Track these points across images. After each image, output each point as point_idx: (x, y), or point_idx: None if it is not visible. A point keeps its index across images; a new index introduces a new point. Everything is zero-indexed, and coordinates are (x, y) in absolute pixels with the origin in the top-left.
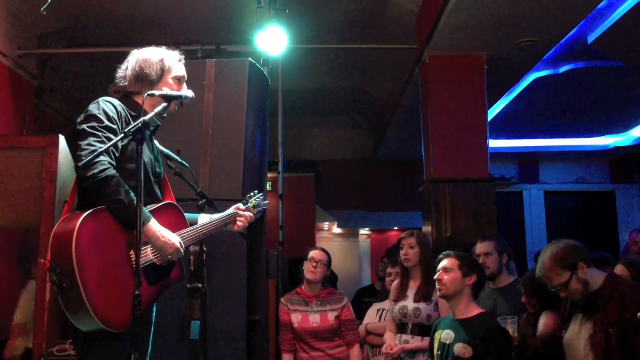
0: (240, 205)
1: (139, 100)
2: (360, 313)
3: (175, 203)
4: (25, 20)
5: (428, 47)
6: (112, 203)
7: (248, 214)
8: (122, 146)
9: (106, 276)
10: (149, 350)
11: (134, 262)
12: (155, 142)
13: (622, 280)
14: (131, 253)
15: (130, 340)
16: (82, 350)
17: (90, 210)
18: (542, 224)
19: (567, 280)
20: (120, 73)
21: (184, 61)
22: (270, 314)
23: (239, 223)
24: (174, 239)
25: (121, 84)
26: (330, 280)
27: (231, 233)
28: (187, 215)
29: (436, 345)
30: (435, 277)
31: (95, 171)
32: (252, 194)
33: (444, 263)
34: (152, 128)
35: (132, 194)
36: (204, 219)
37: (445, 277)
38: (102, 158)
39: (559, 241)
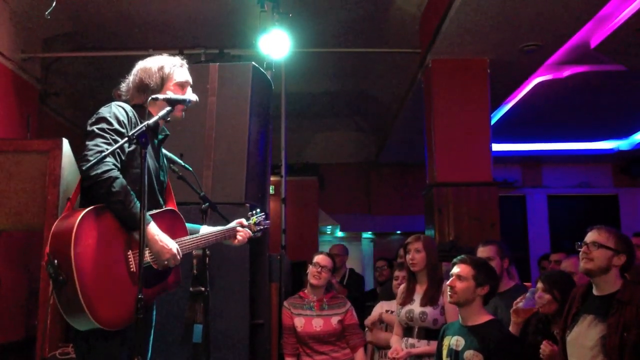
0: (243, 221)
1: (150, 109)
2: (363, 317)
3: (176, 210)
4: (29, 23)
5: (431, 51)
6: (112, 203)
7: (247, 230)
8: (129, 151)
9: (102, 273)
10: (149, 353)
11: (131, 263)
12: (164, 151)
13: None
14: (129, 253)
15: (132, 343)
16: (83, 350)
17: (92, 207)
18: (545, 228)
19: (612, 251)
20: (124, 87)
21: (186, 65)
22: (272, 317)
23: (238, 237)
24: (172, 244)
25: (125, 97)
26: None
27: None
28: (189, 225)
29: (445, 352)
30: (448, 282)
31: (99, 171)
32: (255, 211)
33: (459, 270)
34: (160, 136)
35: (134, 197)
36: (205, 229)
37: (458, 285)
38: (107, 159)
39: None
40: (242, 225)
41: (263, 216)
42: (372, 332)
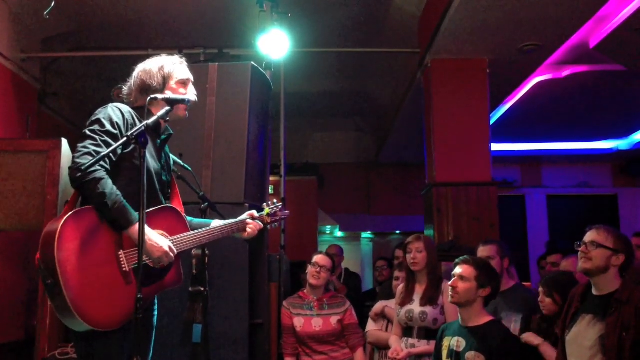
0: (254, 212)
1: (152, 109)
2: (362, 317)
3: (175, 207)
4: (28, 23)
5: (430, 50)
6: (98, 204)
7: (258, 222)
8: (128, 152)
9: (90, 274)
10: (150, 354)
11: (123, 263)
12: (167, 151)
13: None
14: (120, 253)
15: (132, 343)
16: (83, 350)
17: (75, 210)
18: (544, 228)
19: (611, 251)
20: (125, 90)
21: (186, 63)
22: (272, 317)
23: (248, 230)
24: (162, 242)
25: (127, 100)
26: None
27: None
28: (198, 220)
29: (445, 352)
30: (449, 283)
31: (83, 172)
32: (271, 202)
33: (461, 270)
34: (163, 136)
35: (120, 197)
36: (216, 223)
37: (460, 285)
38: (92, 160)
39: None
40: (253, 217)
41: (280, 206)
42: (373, 327)
